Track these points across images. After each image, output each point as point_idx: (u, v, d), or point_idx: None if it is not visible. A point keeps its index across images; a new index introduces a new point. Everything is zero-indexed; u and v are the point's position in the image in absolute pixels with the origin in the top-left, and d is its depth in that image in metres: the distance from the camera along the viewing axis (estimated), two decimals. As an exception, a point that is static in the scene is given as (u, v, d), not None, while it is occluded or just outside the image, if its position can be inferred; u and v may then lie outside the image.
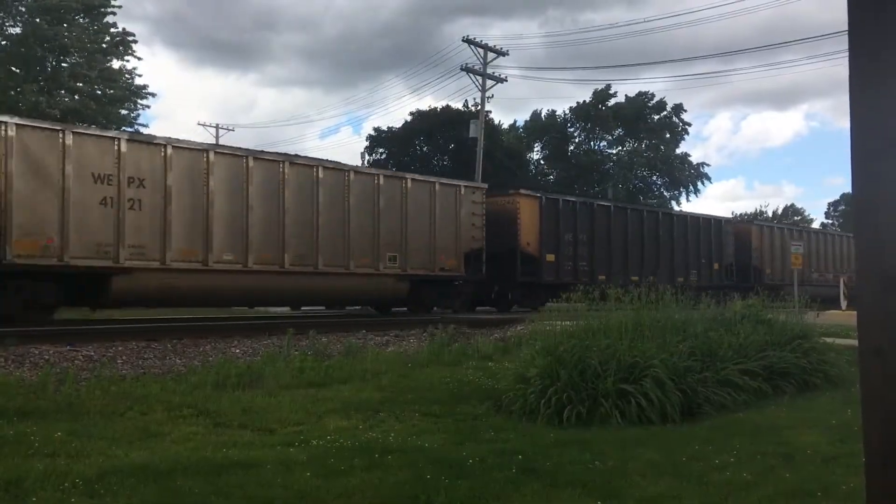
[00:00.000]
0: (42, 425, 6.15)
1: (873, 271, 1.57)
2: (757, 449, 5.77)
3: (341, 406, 7.52)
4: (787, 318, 10.27)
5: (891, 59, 1.57)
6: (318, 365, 9.71)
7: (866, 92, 1.61)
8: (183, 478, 4.69)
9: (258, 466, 5.00)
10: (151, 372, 9.25)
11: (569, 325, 8.44)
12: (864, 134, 1.61)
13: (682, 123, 56.39)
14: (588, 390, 7.06)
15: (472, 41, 35.75)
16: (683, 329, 8.50)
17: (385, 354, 11.12)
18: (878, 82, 1.59)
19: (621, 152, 56.03)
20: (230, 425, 6.64)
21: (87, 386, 7.91)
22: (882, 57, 1.58)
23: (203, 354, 10.67)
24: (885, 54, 1.58)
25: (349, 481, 4.73)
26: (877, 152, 1.58)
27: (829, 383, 9.01)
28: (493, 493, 4.55)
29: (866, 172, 1.60)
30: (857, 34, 1.63)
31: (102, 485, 4.51)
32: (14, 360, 9.46)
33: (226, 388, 8.23)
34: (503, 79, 37.35)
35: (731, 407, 7.49)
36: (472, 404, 7.78)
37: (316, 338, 11.58)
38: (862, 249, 1.61)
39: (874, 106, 1.60)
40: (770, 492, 4.66)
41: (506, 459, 5.33)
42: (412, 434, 6.33)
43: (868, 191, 1.60)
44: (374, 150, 49.50)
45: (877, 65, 1.59)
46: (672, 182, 55.58)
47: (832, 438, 6.15)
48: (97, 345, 10.79)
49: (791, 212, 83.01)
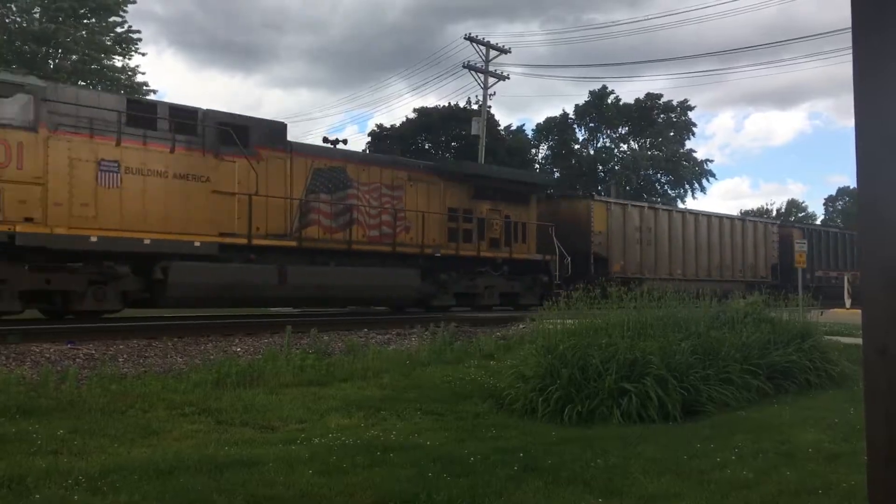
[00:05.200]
0: (44, 423, 6.16)
1: (877, 269, 1.57)
2: (759, 447, 5.77)
3: (343, 404, 7.52)
4: (790, 317, 10.25)
5: (894, 57, 1.56)
6: (319, 363, 9.71)
7: (870, 91, 1.60)
8: (185, 475, 4.70)
9: (260, 464, 5.00)
10: (153, 370, 9.26)
11: (570, 323, 8.43)
12: (868, 132, 1.60)
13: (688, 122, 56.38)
14: (589, 388, 7.05)
15: (474, 39, 35.73)
16: (686, 327, 8.49)
17: (386, 353, 11.11)
18: (882, 81, 1.58)
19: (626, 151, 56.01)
20: (232, 423, 6.64)
21: (89, 384, 7.91)
22: (886, 56, 1.57)
23: (204, 353, 10.68)
24: (888, 53, 1.57)
25: (351, 479, 4.74)
26: (881, 151, 1.57)
27: (831, 382, 9.01)
28: (495, 490, 4.55)
29: (870, 171, 1.60)
30: (860, 33, 1.62)
31: (105, 482, 4.51)
32: (15, 357, 9.47)
33: (227, 386, 8.24)
34: (505, 76, 37.32)
35: (733, 405, 7.48)
36: (473, 402, 7.79)
37: (317, 336, 11.58)
38: (866, 247, 1.61)
39: (878, 105, 1.59)
40: (772, 490, 4.66)
41: (507, 457, 5.33)
42: (414, 432, 6.33)
43: (872, 189, 1.59)
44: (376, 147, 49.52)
45: (881, 64, 1.58)
46: (676, 180, 55.55)
47: (834, 437, 6.15)
48: (98, 343, 10.80)
49: (794, 208, 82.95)
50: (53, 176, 12.72)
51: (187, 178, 14.50)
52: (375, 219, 17.90)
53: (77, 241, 12.74)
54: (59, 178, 12.79)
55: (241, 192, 15.09)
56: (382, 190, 18.05)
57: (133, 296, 13.84)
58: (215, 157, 14.86)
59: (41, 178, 12.59)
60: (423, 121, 47.49)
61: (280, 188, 15.93)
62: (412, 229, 18.43)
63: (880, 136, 1.58)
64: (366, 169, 17.93)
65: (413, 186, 18.74)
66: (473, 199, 20.18)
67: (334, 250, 16.71)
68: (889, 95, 1.57)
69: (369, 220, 17.78)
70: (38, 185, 12.53)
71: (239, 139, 15.11)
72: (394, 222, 18.04)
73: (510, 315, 17.28)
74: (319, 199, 16.76)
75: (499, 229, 20.65)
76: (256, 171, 15.35)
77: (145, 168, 13.90)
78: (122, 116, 13.50)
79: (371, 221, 17.81)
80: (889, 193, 1.56)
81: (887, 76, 1.57)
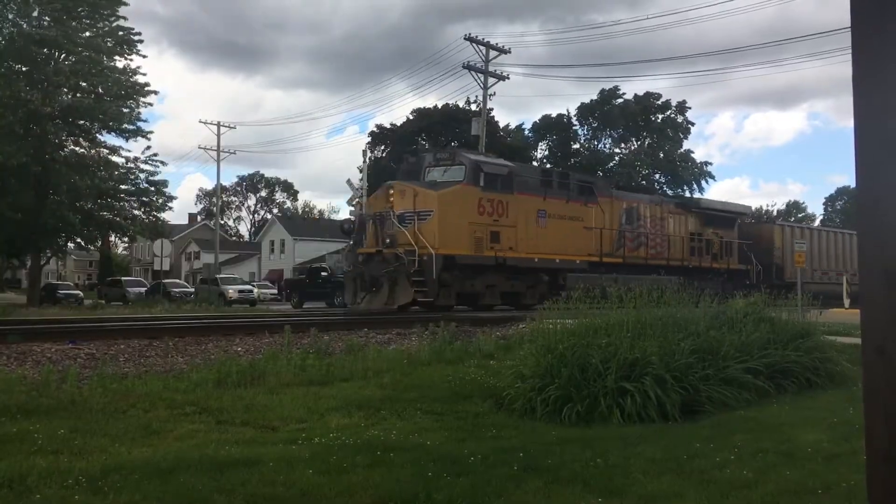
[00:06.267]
0: (44, 423, 6.16)
1: (876, 268, 1.57)
2: (758, 447, 5.77)
3: (343, 404, 7.52)
4: (790, 317, 10.25)
5: (894, 58, 1.57)
6: (319, 363, 9.72)
7: (869, 90, 1.61)
8: (185, 475, 4.70)
9: (260, 464, 5.00)
10: (153, 370, 9.26)
11: (570, 323, 8.44)
12: (868, 132, 1.61)
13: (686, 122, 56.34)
14: (589, 388, 7.06)
15: (474, 39, 35.72)
16: (685, 327, 8.48)
17: (387, 352, 11.12)
18: (882, 80, 1.59)
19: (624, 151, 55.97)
20: (232, 423, 6.65)
21: (90, 384, 7.92)
22: (886, 55, 1.58)
23: (205, 352, 10.69)
24: (888, 52, 1.58)
25: (351, 478, 4.74)
26: (880, 150, 1.58)
27: (831, 381, 9.00)
28: (495, 490, 4.56)
29: (870, 171, 1.60)
30: (860, 33, 1.63)
31: (106, 482, 4.52)
32: (16, 357, 9.48)
33: (228, 385, 8.25)
34: (505, 76, 37.32)
35: (733, 405, 7.48)
36: (473, 402, 7.79)
37: (318, 336, 11.59)
38: (865, 247, 1.61)
39: (878, 104, 1.60)
40: (771, 489, 4.66)
41: (507, 457, 5.33)
42: (414, 432, 6.34)
43: (872, 189, 1.60)
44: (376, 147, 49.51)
45: (880, 63, 1.59)
46: (675, 180, 55.54)
47: (834, 436, 6.15)
48: (99, 342, 10.82)
49: (794, 209, 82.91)
50: (521, 222, 20.86)
51: (572, 219, 22.53)
52: (653, 241, 26.14)
53: (530, 261, 20.88)
54: (521, 223, 20.85)
55: (596, 226, 23.18)
56: (655, 221, 26.43)
57: (545, 295, 19.05)
58: (584, 205, 23.10)
59: (515, 223, 20.73)
60: (422, 121, 47.47)
61: (611, 223, 24.04)
62: (672, 248, 26.73)
63: (880, 137, 1.58)
64: (647, 206, 26.45)
65: (671, 217, 27.30)
66: (703, 226, 28.53)
67: (635, 264, 24.68)
68: (889, 96, 1.58)
69: (651, 242, 26.00)
70: (513, 227, 20.66)
71: (592, 192, 23.62)
72: (664, 244, 26.48)
73: (511, 315, 17.72)
74: (627, 229, 24.99)
75: (717, 247, 28.87)
76: (603, 212, 23.59)
77: (556, 214, 21.97)
78: (543, 181, 22.19)
79: (651, 243, 26.01)
80: (889, 194, 1.56)
81: (887, 76, 1.58)
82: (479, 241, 19.76)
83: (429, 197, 19.14)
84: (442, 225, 18.94)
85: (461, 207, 19.47)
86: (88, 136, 35.09)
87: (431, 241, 18.58)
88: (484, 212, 19.91)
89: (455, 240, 19.21)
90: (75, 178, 32.30)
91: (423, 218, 18.96)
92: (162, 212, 37.72)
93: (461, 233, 19.36)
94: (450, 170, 20.35)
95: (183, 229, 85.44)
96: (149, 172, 36.39)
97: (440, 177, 20.33)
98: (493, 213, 20.11)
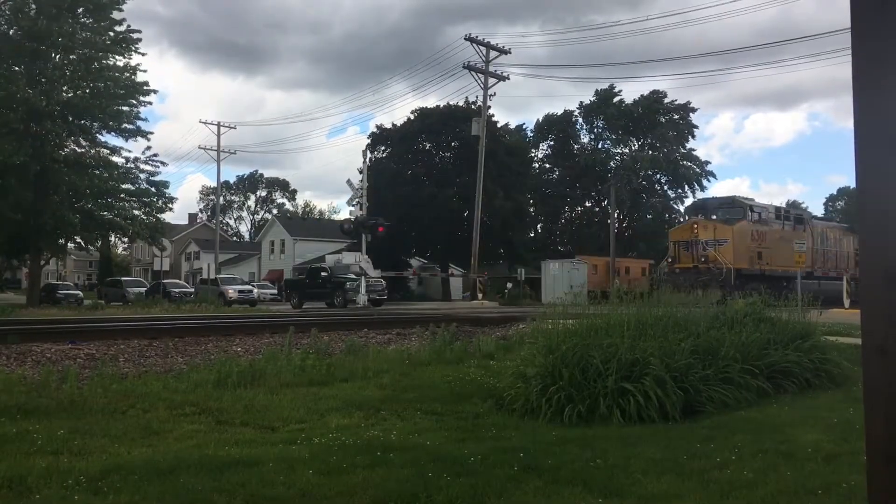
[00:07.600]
0: (44, 423, 6.16)
1: (877, 269, 1.57)
2: (758, 447, 5.77)
3: (343, 404, 7.52)
4: (790, 317, 10.24)
5: (893, 57, 1.57)
6: (319, 363, 9.72)
7: (869, 90, 1.61)
8: (185, 475, 4.70)
9: (260, 464, 5.00)
10: (153, 370, 9.26)
11: (571, 323, 8.43)
12: (868, 132, 1.61)
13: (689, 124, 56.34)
14: (589, 389, 7.05)
15: (474, 39, 35.72)
16: (685, 327, 8.48)
17: (387, 353, 11.12)
18: (881, 81, 1.59)
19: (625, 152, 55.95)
20: (232, 423, 6.65)
21: (89, 384, 7.92)
22: (885, 56, 1.58)
23: (205, 353, 10.68)
24: (887, 53, 1.58)
25: (351, 479, 4.74)
26: (880, 150, 1.58)
27: (831, 382, 8.99)
28: (495, 490, 4.55)
29: (870, 171, 1.60)
30: (859, 34, 1.62)
31: (105, 482, 4.51)
32: (16, 357, 9.48)
33: (227, 386, 8.24)
34: (505, 77, 37.32)
35: (733, 405, 7.47)
36: (473, 402, 7.78)
37: (317, 336, 11.59)
38: (865, 247, 1.61)
39: (877, 104, 1.60)
40: (771, 490, 4.66)
41: (507, 457, 5.33)
42: (414, 432, 6.34)
43: (872, 189, 1.60)
44: (377, 147, 49.47)
45: (879, 63, 1.59)
46: (676, 180, 55.51)
47: (834, 437, 6.15)
48: (99, 343, 10.81)
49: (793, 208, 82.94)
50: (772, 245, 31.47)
51: (791, 242, 29.40)
52: (826, 257, 35.00)
53: (775, 272, 30.15)
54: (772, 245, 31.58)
55: (808, 247, 31.13)
56: (825, 239, 35.29)
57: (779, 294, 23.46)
58: (802, 232, 32.57)
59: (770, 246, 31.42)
60: (423, 121, 47.43)
61: (812, 244, 32.50)
62: (849, 262, 35.41)
63: (880, 137, 1.58)
64: (822, 229, 35.91)
65: (837, 238, 36.27)
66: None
67: (820, 275, 33.11)
68: (888, 96, 1.58)
69: (825, 257, 34.87)
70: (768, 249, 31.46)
71: (802, 221, 34.27)
72: (833, 259, 35.24)
73: (510, 315, 17.80)
74: (817, 247, 34.03)
75: None
76: (811, 236, 33.37)
77: (785, 238, 31.24)
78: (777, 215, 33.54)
79: (825, 258, 34.87)
80: (889, 194, 1.56)
81: (887, 76, 1.58)
82: (752, 259, 30.64)
83: (725, 230, 30.49)
84: (735, 249, 30.07)
85: (742, 237, 30.65)
86: (88, 135, 35.08)
87: (728, 259, 29.77)
88: (753, 239, 31.09)
89: (741, 258, 30.33)
90: (75, 178, 32.30)
91: (720, 244, 30.15)
92: (162, 213, 37.75)
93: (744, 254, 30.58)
94: (731, 210, 31.84)
95: (183, 229, 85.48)
96: (149, 173, 36.44)
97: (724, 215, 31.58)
98: (757, 239, 31.25)
